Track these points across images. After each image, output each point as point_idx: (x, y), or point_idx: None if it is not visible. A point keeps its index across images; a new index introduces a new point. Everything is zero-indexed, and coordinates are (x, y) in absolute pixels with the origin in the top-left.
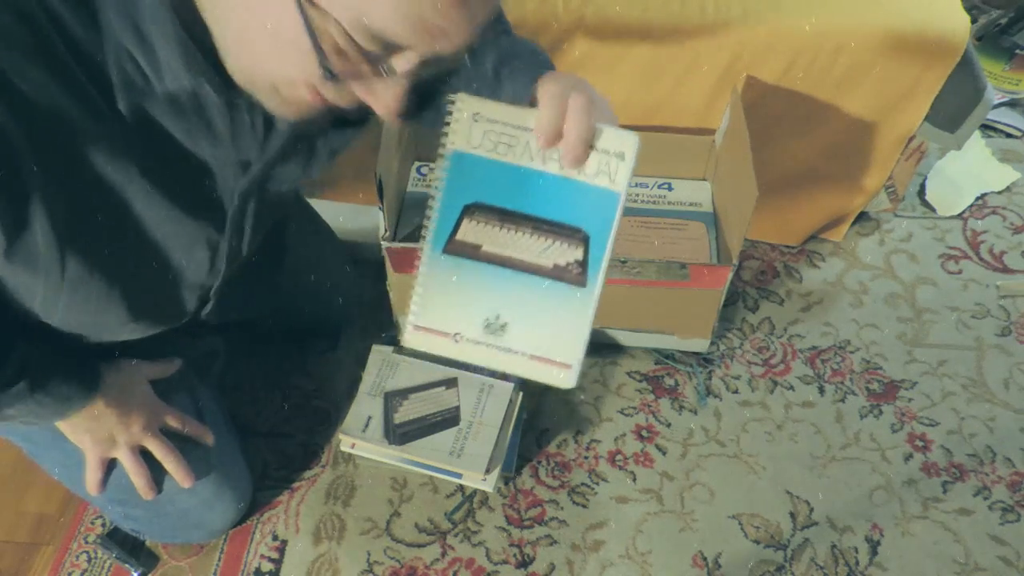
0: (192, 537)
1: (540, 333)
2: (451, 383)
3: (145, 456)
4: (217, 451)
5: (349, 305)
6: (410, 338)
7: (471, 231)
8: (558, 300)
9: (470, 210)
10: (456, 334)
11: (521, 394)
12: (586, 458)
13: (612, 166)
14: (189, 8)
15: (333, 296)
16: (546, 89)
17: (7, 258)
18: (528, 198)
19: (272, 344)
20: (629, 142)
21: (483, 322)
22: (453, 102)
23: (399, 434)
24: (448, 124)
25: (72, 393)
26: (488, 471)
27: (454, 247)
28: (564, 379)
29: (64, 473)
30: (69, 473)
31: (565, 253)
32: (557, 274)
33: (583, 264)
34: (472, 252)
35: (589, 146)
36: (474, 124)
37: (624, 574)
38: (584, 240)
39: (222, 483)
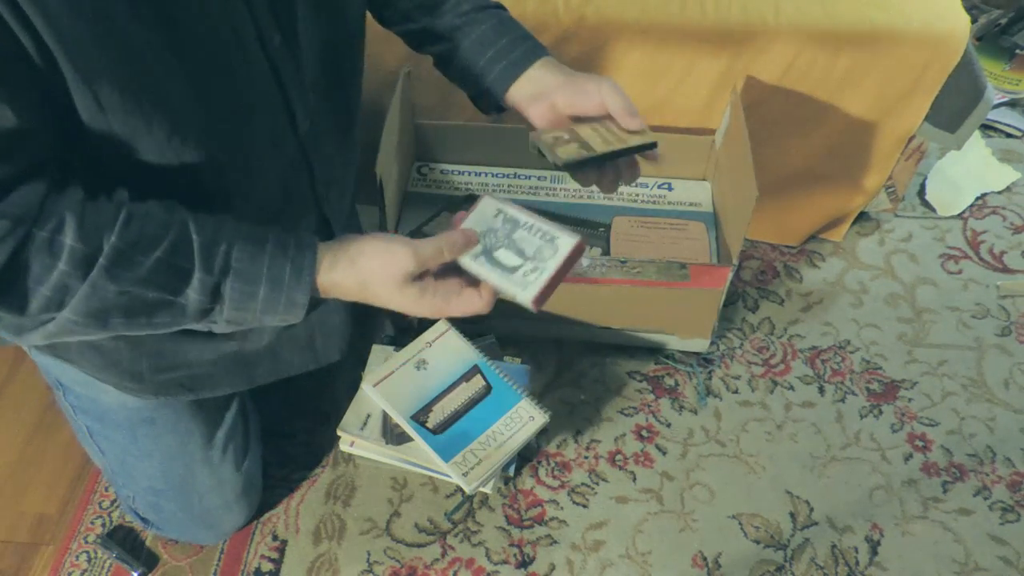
0: (200, 537)
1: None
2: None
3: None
4: (252, 458)
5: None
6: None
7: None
8: None
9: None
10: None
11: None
12: (586, 458)
13: None
14: None
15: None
16: None
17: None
18: None
19: None
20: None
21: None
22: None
23: (396, 434)
24: None
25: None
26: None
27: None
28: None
29: (118, 458)
30: (122, 459)
31: None
32: None
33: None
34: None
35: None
36: None
37: (624, 574)
38: None
39: (247, 487)
